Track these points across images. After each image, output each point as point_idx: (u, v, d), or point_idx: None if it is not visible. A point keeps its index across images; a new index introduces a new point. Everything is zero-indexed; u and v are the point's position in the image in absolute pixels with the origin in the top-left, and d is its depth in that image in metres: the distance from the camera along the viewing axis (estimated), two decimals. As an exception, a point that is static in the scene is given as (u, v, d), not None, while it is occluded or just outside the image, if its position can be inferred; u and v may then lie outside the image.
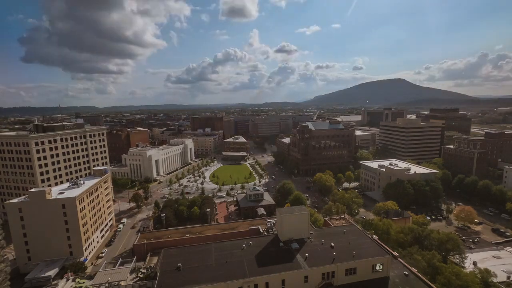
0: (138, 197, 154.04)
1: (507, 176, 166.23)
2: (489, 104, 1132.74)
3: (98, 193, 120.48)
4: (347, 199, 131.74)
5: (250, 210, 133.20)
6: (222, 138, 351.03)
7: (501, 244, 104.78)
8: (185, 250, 66.39)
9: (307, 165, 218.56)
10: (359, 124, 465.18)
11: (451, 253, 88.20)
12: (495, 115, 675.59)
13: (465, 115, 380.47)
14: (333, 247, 63.18)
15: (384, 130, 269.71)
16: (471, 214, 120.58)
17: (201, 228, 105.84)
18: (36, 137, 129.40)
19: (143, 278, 65.30)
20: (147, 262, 78.23)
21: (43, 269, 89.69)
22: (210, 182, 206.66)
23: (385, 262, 59.27)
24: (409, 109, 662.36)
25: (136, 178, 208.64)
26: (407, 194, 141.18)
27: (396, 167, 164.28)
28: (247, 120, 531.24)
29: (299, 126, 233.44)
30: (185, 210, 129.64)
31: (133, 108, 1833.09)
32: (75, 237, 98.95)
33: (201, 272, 56.29)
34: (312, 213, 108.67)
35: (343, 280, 57.78)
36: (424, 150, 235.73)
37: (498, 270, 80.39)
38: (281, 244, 65.64)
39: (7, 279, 68.13)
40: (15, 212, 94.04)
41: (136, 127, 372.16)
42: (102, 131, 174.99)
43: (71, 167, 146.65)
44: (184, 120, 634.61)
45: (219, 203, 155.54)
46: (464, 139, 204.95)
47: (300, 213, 68.76)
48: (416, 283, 57.45)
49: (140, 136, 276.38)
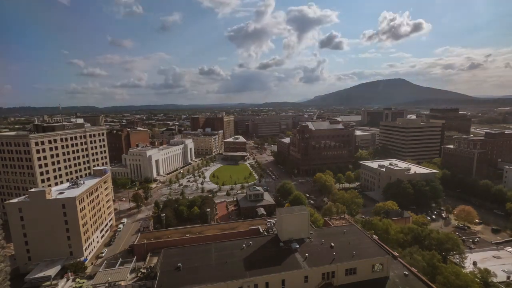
0: (138, 197, 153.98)
1: (507, 176, 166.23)
2: (489, 104, 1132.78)
3: (98, 193, 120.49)
4: (347, 199, 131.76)
5: (250, 210, 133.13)
6: (222, 138, 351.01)
7: (501, 244, 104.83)
8: (185, 250, 66.39)
9: (307, 165, 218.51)
10: (359, 124, 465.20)
11: (451, 253, 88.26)
12: (495, 115, 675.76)
13: (465, 115, 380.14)
14: (333, 247, 63.18)
15: (384, 130, 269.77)
16: (471, 214, 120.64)
17: (201, 228, 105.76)
18: (36, 137, 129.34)
19: (143, 278, 65.26)
20: (147, 262, 78.12)
21: (43, 269, 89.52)
22: (210, 182, 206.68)
23: (385, 262, 59.28)
24: (409, 109, 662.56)
25: (136, 178, 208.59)
26: (407, 194, 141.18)
27: (396, 167, 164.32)
28: (247, 120, 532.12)
29: (299, 126, 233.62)
30: (185, 210, 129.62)
31: (133, 108, 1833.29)
32: (75, 237, 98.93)
33: (201, 272, 56.28)
34: (312, 213, 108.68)
35: (343, 280, 57.79)
36: (424, 150, 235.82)
37: (498, 270, 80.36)
38: (281, 244, 65.64)
39: (7, 279, 68.09)
40: (15, 212, 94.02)
41: (136, 127, 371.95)
42: (102, 131, 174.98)
43: (71, 167, 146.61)
44: (184, 120, 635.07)
45: (219, 203, 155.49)
46: (464, 139, 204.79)
47: (300, 213, 68.76)
48: (416, 283, 57.46)
49: (140, 136, 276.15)
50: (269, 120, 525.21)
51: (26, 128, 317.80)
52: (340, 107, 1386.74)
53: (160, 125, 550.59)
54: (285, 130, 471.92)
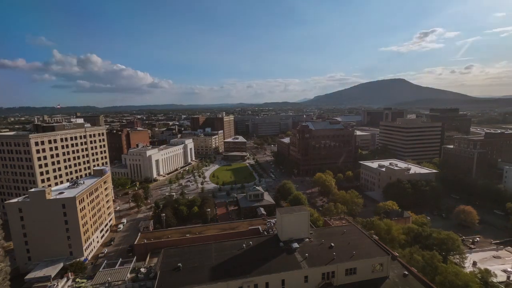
0: (138, 197, 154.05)
1: (507, 176, 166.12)
2: (489, 104, 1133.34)
3: (98, 193, 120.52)
4: (347, 199, 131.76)
5: (250, 210, 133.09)
6: (222, 138, 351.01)
7: (501, 244, 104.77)
8: (185, 250, 66.33)
9: (307, 165, 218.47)
10: (359, 124, 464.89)
11: (451, 253, 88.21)
12: (495, 115, 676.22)
13: (465, 115, 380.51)
14: (333, 247, 63.14)
15: (384, 130, 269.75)
16: (471, 214, 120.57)
17: (201, 228, 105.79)
18: (36, 137, 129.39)
19: (143, 278, 65.24)
20: (147, 262, 78.16)
21: (43, 269, 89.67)
22: (210, 182, 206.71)
23: (385, 262, 59.26)
24: (409, 109, 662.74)
25: (136, 178, 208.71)
26: (407, 194, 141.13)
27: (396, 167, 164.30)
28: (247, 120, 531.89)
29: (299, 126, 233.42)
30: (185, 210, 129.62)
31: (133, 108, 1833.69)
32: (75, 237, 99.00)
33: (201, 272, 56.27)
34: (312, 213, 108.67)
35: (343, 280, 57.78)
36: (424, 150, 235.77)
37: (498, 270, 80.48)
38: (281, 244, 65.60)
39: (7, 278, 68.02)
40: (15, 212, 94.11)
41: (136, 127, 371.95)
42: (102, 131, 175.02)
43: (71, 167, 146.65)
44: (184, 120, 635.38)
45: (219, 203, 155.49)
46: (464, 139, 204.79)
47: (300, 213, 68.69)
48: (416, 283, 57.43)
49: (140, 136, 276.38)
50: (269, 120, 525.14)
51: (26, 128, 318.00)
52: (340, 107, 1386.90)
53: (160, 125, 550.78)
54: (285, 130, 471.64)
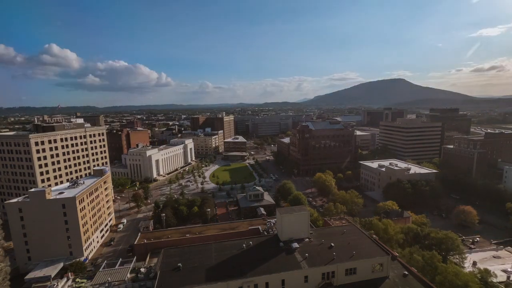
0: (138, 197, 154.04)
1: (507, 176, 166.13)
2: (489, 104, 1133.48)
3: (98, 193, 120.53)
4: (347, 199, 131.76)
5: (250, 210, 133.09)
6: (222, 138, 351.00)
7: (501, 244, 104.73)
8: (185, 250, 66.32)
9: (307, 165, 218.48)
10: (359, 124, 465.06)
11: (451, 253, 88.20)
12: (495, 115, 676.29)
13: (465, 115, 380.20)
14: (333, 247, 63.13)
15: (384, 130, 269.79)
16: (471, 214, 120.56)
17: (201, 228, 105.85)
18: (36, 137, 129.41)
19: (143, 278, 65.25)
20: (147, 262, 78.21)
21: (43, 269, 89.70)
22: (210, 182, 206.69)
23: (385, 262, 59.26)
24: (409, 109, 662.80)
25: (136, 178, 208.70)
26: (407, 194, 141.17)
27: (396, 167, 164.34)
28: (247, 120, 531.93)
29: (299, 126, 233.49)
30: (185, 210, 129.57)
31: (133, 108, 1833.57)
32: (75, 237, 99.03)
33: (201, 272, 56.24)
34: (312, 213, 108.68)
35: (343, 280, 57.77)
36: (424, 150, 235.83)
37: (498, 270, 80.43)
38: (281, 244, 65.60)
39: (7, 278, 68.05)
40: (15, 212, 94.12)
41: (136, 127, 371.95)
42: (102, 131, 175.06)
43: (71, 167, 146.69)
44: (184, 120, 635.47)
45: (219, 203, 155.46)
46: (464, 139, 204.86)
47: (300, 213, 68.67)
48: (416, 283, 57.44)
49: (140, 136, 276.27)
50: (269, 120, 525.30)
51: (26, 128, 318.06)
52: (340, 107, 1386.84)
53: (160, 125, 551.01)
54: (285, 130, 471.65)
